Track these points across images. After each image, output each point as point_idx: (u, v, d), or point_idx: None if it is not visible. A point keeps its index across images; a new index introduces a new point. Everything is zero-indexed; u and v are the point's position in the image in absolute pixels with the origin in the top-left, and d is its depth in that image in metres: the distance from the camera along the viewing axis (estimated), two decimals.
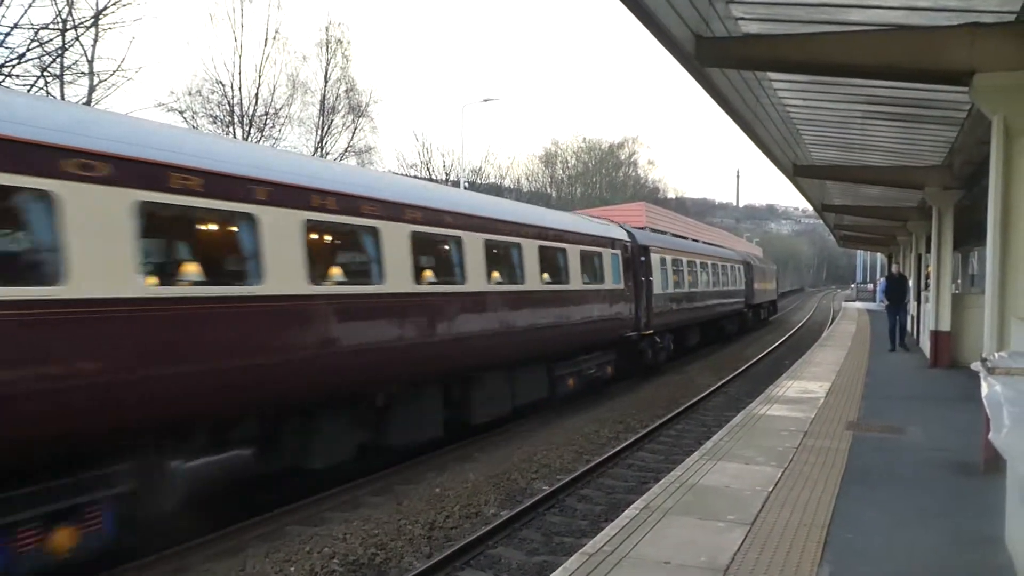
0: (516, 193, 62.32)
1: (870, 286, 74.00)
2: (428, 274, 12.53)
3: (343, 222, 10.36)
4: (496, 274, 14.40)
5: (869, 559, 6.23)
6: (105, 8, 21.41)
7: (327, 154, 39.00)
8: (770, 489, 8.17)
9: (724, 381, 22.42)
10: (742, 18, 10.21)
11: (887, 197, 26.12)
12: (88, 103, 21.15)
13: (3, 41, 18.60)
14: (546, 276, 16.09)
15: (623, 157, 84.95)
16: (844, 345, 25.72)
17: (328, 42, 40.38)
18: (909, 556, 6.30)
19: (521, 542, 9.34)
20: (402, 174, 45.25)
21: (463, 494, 10.99)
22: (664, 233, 37.20)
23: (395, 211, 11.24)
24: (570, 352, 17.34)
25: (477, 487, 11.38)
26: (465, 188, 41.37)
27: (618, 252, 20.19)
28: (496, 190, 55.59)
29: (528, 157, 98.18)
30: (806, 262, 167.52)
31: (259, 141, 34.12)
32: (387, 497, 10.96)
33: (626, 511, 7.61)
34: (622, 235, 21.19)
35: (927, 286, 22.10)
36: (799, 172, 22.02)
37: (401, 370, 11.38)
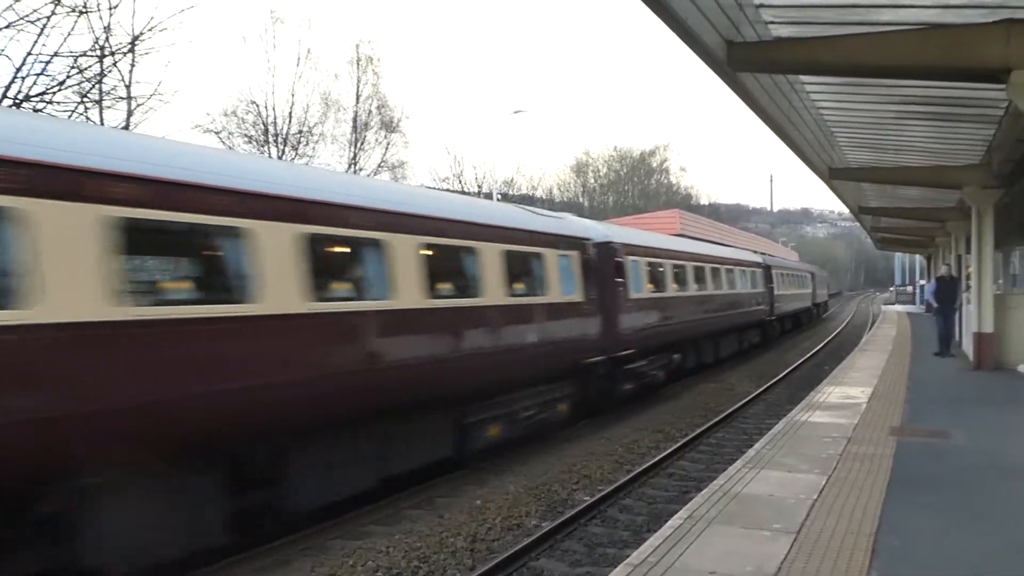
0: (548, 203, 62.35)
1: (909, 288, 72.95)
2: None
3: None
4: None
5: (918, 567, 6.14)
6: (141, 34, 21.77)
7: (360, 170, 39.31)
8: (815, 497, 8.08)
9: (763, 388, 22.21)
10: (772, 22, 10.18)
11: (925, 198, 25.81)
12: (126, 127, 21.53)
13: (44, 69, 18.98)
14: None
15: (655, 165, 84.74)
16: (885, 349, 25.38)
17: (359, 60, 40.83)
18: (958, 563, 6.20)
19: (564, 554, 9.31)
20: (436, 188, 45.46)
21: (504, 506, 10.98)
22: (697, 239, 36.70)
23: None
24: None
25: (518, 499, 11.37)
26: (497, 200, 41.41)
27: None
28: (528, 201, 55.59)
29: (559, 167, 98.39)
30: (843, 265, 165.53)
31: (293, 159, 34.50)
32: (428, 510, 10.98)
33: (669, 521, 7.57)
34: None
35: (968, 287, 21.77)
36: (834, 175, 21.85)
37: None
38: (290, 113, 36.19)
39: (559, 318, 14.81)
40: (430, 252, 11.31)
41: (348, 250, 10.34)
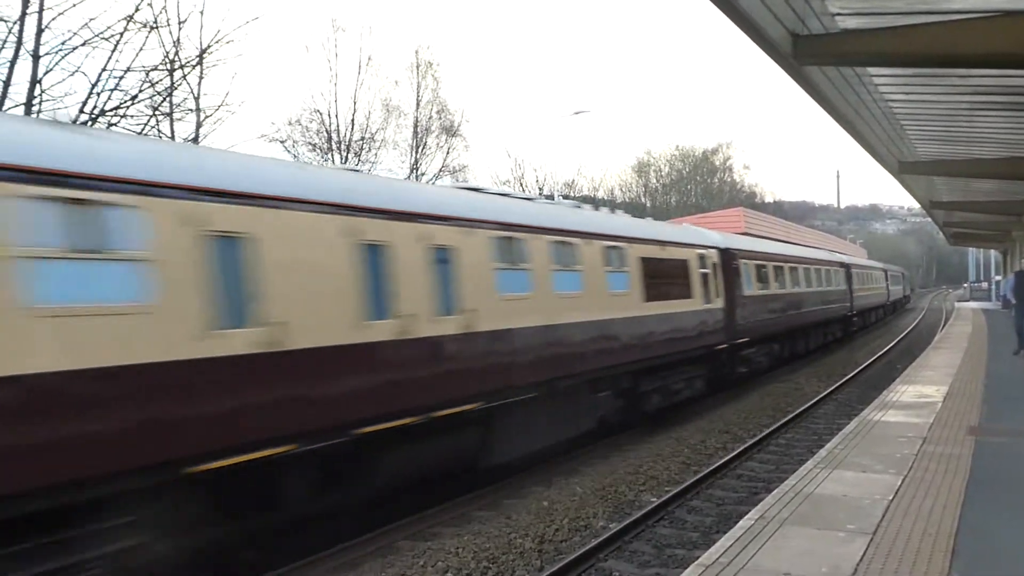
0: (610, 204, 62.10)
1: (984, 284, 70.79)
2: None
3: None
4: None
5: (1000, 568, 5.96)
6: (208, 46, 22.33)
7: (422, 175, 39.66)
8: (890, 498, 7.88)
9: (833, 387, 21.78)
10: (839, 14, 10.00)
11: (1000, 190, 25.07)
12: (196, 139, 22.07)
13: (118, 84, 19.60)
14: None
15: (717, 163, 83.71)
16: (959, 347, 24.65)
17: (418, 65, 41.11)
18: None
19: (632, 555, 9.27)
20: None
21: (571, 507, 10.97)
22: (762, 237, 36.47)
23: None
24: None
25: (584, 500, 11.34)
26: (560, 200, 41.39)
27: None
28: (589, 202, 55.48)
29: (621, 167, 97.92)
30: (914, 262, 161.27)
31: (356, 165, 34.94)
32: (495, 512, 11.02)
33: (740, 522, 7.46)
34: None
35: None
36: (904, 169, 21.35)
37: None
38: (352, 120, 36.66)
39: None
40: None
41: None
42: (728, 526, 8.87)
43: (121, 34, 19.19)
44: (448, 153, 42.18)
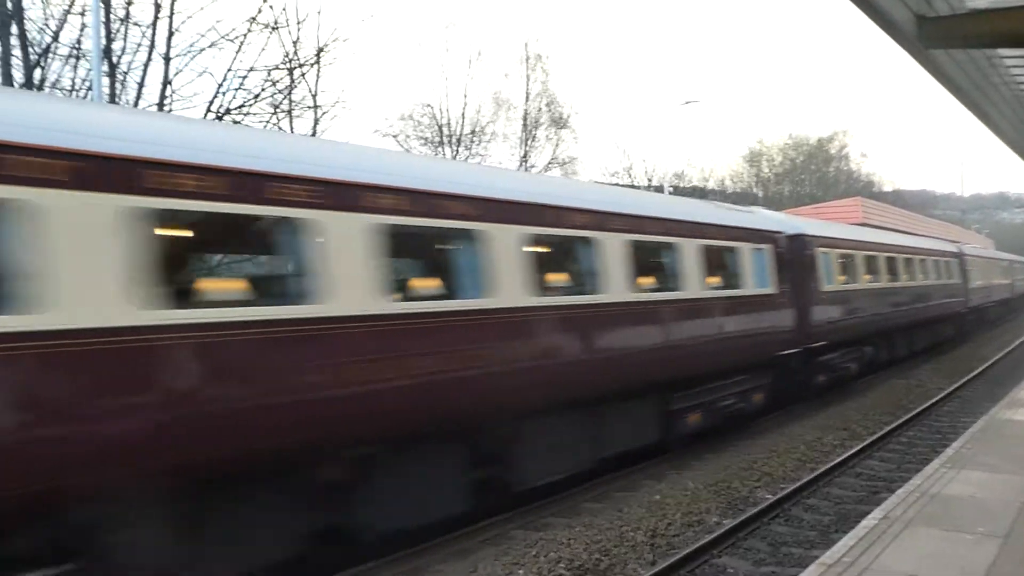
0: (720, 195, 60.96)
1: None
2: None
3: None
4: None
5: None
6: (325, 45, 23.04)
7: (532, 167, 39.83)
8: (1023, 500, 7.54)
9: (957, 385, 20.87)
10: None
11: None
12: (313, 134, 22.77)
13: (242, 84, 20.48)
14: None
15: (833, 151, 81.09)
16: None
17: (528, 58, 41.24)
18: None
19: (746, 552, 9.11)
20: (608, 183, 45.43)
21: (683, 502, 10.86)
22: (881, 228, 34.75)
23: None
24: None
25: (697, 495, 11.21)
26: (669, 193, 40.88)
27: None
28: (699, 193, 54.63)
29: (732, 158, 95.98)
30: None
31: (466, 159, 35.38)
32: (607, 504, 11.00)
33: (863, 521, 7.27)
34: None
35: None
36: None
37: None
38: (463, 114, 37.10)
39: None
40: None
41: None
42: (847, 526, 8.64)
43: (244, 35, 20.06)
44: (557, 145, 42.24)
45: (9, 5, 17.46)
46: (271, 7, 20.93)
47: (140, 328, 5.98)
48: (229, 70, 20.15)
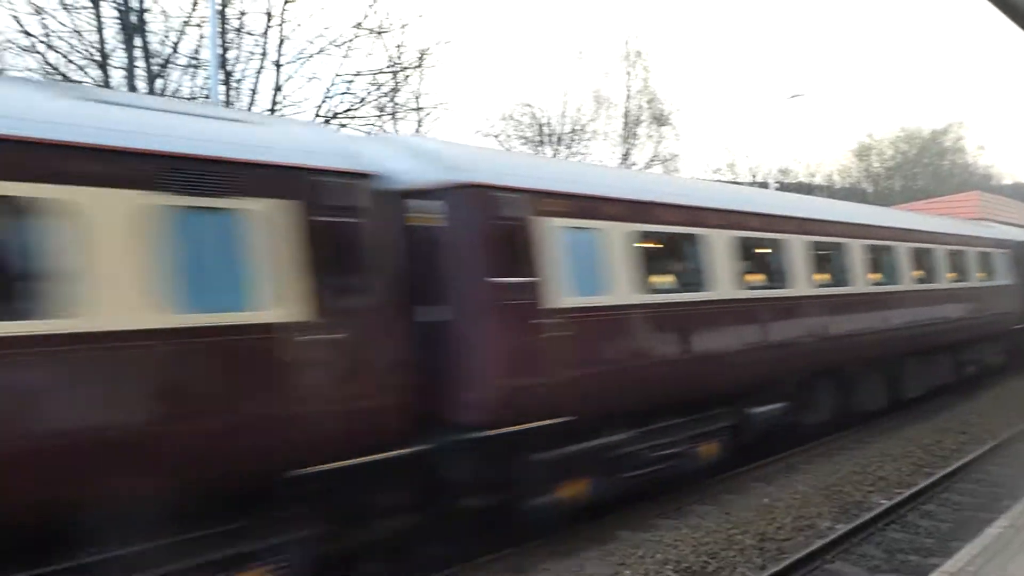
0: (828, 191, 59.22)
1: None
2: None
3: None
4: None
5: None
6: (428, 48, 23.47)
7: (633, 164, 39.54)
8: None
9: None
10: None
11: None
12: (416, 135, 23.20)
13: (348, 88, 21.10)
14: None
15: (947, 144, 77.78)
16: None
17: (628, 55, 40.89)
18: None
19: (860, 558, 8.90)
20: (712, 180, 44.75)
21: (793, 505, 10.64)
22: (1002, 223, 33.04)
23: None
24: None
25: (807, 499, 10.97)
26: (775, 188, 39.94)
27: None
28: (805, 189, 53.22)
29: (840, 152, 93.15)
30: None
31: (566, 157, 35.36)
32: (714, 506, 10.87)
33: (987, 529, 6.99)
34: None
35: None
36: None
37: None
38: (563, 112, 37.07)
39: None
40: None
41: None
42: (967, 534, 8.35)
43: (351, 41, 20.64)
44: (659, 143, 41.77)
45: (134, 19, 18.40)
46: (376, 12, 21.49)
47: None
48: (336, 75, 20.82)
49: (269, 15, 19.81)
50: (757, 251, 12.74)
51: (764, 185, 44.81)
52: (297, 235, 6.81)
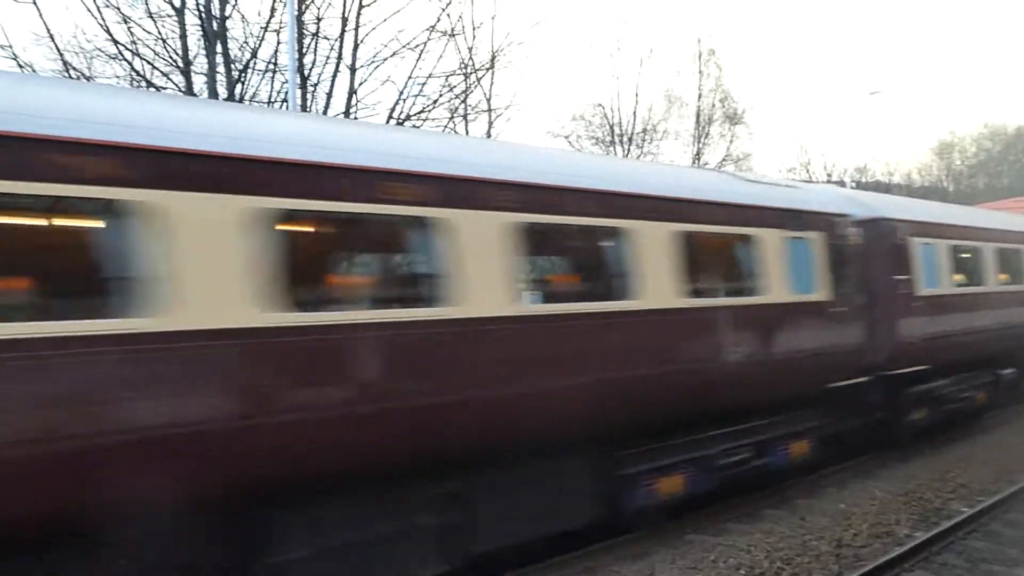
0: (907, 189, 57.75)
1: None
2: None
3: None
4: None
5: None
6: (499, 49, 23.61)
7: (705, 164, 39.17)
8: None
9: None
10: None
11: None
12: (488, 136, 23.37)
13: (421, 90, 21.38)
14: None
15: None
16: None
17: (700, 54, 40.47)
18: None
19: (940, 567, 8.68)
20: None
21: (870, 512, 10.45)
22: None
23: None
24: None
25: (885, 505, 10.76)
26: (852, 187, 39.08)
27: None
28: (884, 188, 51.97)
29: (920, 150, 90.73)
30: None
31: (638, 157, 35.20)
32: (788, 511, 10.73)
33: None
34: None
35: None
36: None
37: None
38: (634, 112, 36.89)
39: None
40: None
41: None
42: None
43: (424, 44, 20.90)
44: (732, 142, 41.28)
45: (215, 26, 18.93)
46: (448, 15, 21.68)
47: None
48: (409, 78, 21.11)
49: (344, 20, 20.19)
50: None
51: (841, 184, 43.91)
52: (825, 252, 11.54)
